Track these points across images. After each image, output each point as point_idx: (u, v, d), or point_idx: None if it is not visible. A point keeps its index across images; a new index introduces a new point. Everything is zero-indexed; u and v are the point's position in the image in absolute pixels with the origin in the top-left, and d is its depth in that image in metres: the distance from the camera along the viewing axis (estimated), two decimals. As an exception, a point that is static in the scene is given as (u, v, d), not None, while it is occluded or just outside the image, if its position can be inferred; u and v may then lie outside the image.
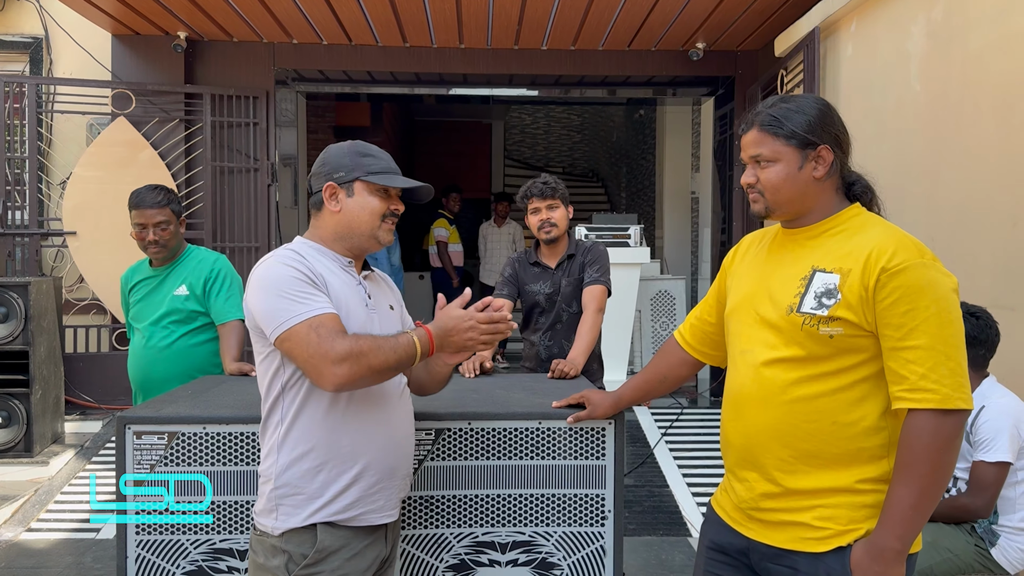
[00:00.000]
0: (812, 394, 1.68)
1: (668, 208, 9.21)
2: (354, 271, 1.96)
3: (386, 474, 1.88)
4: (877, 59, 4.50)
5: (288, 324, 1.72)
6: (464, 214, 9.97)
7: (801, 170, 1.73)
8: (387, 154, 1.99)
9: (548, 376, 2.88)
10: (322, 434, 1.81)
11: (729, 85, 7.02)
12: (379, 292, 2.03)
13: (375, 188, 1.92)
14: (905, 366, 1.58)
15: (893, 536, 1.57)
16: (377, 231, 1.94)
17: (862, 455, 1.66)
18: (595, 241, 3.49)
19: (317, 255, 1.90)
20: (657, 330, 7.50)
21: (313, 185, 1.96)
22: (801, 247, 1.78)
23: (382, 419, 1.88)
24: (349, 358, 1.68)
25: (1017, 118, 3.23)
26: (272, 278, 1.77)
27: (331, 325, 1.73)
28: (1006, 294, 3.21)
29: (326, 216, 1.94)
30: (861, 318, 1.62)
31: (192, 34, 6.47)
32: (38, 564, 4.04)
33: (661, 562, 4.09)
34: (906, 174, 4.11)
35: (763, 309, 1.77)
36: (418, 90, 7.51)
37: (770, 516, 1.74)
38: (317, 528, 1.79)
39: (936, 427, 1.55)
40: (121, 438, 2.15)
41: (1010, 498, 2.74)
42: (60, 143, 6.61)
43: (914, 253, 1.61)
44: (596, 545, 2.25)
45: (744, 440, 1.79)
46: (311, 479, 1.80)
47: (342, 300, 1.84)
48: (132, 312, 3.25)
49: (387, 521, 1.90)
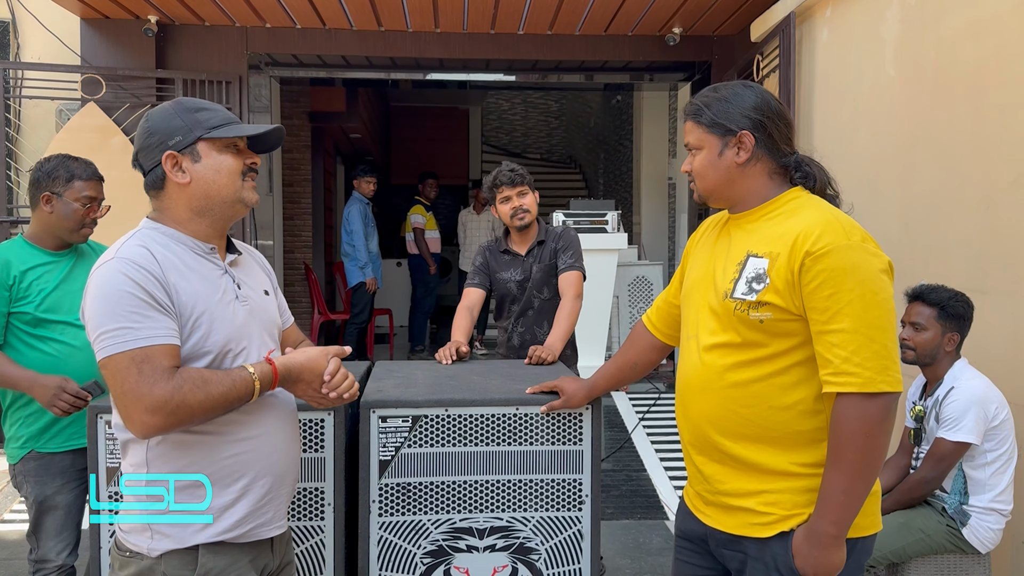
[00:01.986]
0: (748, 379, 1.70)
1: (645, 194, 9.24)
2: (218, 258, 1.71)
3: (276, 483, 1.70)
4: (852, 44, 4.52)
5: (109, 351, 1.49)
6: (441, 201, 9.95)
7: (722, 156, 1.75)
8: (218, 104, 1.73)
9: (525, 362, 2.88)
10: (200, 447, 1.60)
11: (706, 70, 7.03)
12: (250, 278, 1.80)
13: (223, 144, 1.66)
14: (830, 349, 1.58)
15: (828, 521, 1.59)
16: (241, 192, 1.69)
17: (800, 439, 1.68)
18: (566, 227, 3.49)
19: (171, 245, 1.64)
20: (634, 315, 7.53)
21: (145, 162, 1.66)
22: (741, 231, 1.80)
23: (266, 421, 1.69)
24: (166, 407, 1.47)
25: (990, 103, 3.26)
26: (106, 289, 1.52)
27: (158, 361, 1.49)
28: (978, 278, 3.25)
29: (173, 192, 1.66)
30: (788, 302, 1.63)
31: (163, 18, 6.36)
32: (11, 555, 3.99)
33: (639, 545, 4.12)
34: (881, 159, 4.14)
35: (708, 294, 1.80)
36: (394, 75, 7.44)
37: (720, 500, 1.77)
38: (199, 550, 1.60)
39: (861, 411, 1.56)
40: (93, 428, 2.12)
41: (980, 479, 2.78)
42: (28, 129, 6.49)
43: (840, 235, 1.60)
44: (574, 529, 2.25)
45: (690, 425, 1.83)
46: (190, 496, 1.61)
47: (202, 304, 1.61)
48: (42, 303, 2.60)
49: (276, 534, 1.73)
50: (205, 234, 1.69)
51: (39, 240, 2.69)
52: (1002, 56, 3.18)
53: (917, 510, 2.87)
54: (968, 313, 2.88)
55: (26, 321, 2.58)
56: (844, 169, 4.55)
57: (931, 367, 2.92)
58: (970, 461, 2.80)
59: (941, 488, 2.86)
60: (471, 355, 3.02)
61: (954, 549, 2.81)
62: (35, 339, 2.60)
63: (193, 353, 1.59)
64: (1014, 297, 3.07)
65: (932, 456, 2.80)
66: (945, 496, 2.85)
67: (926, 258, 3.64)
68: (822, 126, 4.87)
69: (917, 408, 2.96)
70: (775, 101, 1.79)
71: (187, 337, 1.58)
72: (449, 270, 10.96)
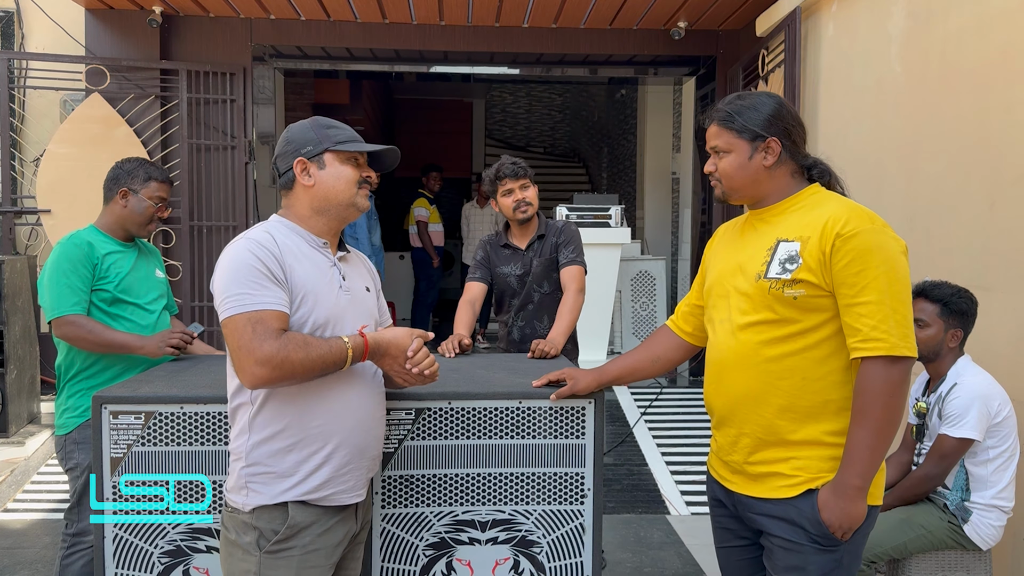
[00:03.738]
0: (783, 353, 1.87)
1: (649, 188, 9.22)
2: (329, 252, 1.96)
3: (356, 454, 1.89)
4: (857, 39, 4.50)
5: (230, 312, 1.74)
6: (444, 194, 9.92)
7: (751, 159, 1.94)
8: (347, 125, 2.01)
9: (528, 356, 2.88)
10: (293, 414, 1.81)
11: (711, 65, 7.01)
12: (355, 273, 2.03)
13: (345, 156, 1.94)
14: (858, 319, 1.77)
15: (853, 473, 1.78)
16: (355, 198, 1.95)
17: (829, 407, 1.86)
18: (566, 221, 3.49)
19: (291, 235, 1.90)
20: (637, 310, 7.52)
21: (281, 166, 1.96)
22: (767, 224, 1.98)
23: (352, 400, 1.89)
24: (272, 361, 1.70)
25: (994, 99, 3.25)
26: (234, 262, 1.78)
27: (270, 323, 1.73)
28: (983, 274, 3.24)
29: (299, 193, 1.94)
30: (820, 279, 1.81)
31: (167, 8, 6.35)
32: (15, 544, 4.01)
33: (640, 539, 4.13)
34: (885, 154, 4.13)
35: (736, 281, 1.98)
36: (398, 67, 7.43)
37: (751, 469, 1.94)
38: (288, 506, 1.80)
39: (886, 373, 1.75)
40: (97, 418, 2.13)
41: (982, 476, 2.78)
42: (33, 119, 6.49)
43: (865, 220, 1.81)
44: (576, 523, 2.26)
45: (725, 400, 1.98)
46: (282, 459, 1.81)
47: (310, 285, 1.85)
48: (119, 284, 2.84)
49: (356, 501, 1.92)
50: (320, 230, 1.95)
51: (110, 230, 2.95)
52: (1008, 52, 3.17)
53: (919, 506, 2.87)
54: (972, 309, 2.88)
55: (105, 300, 2.82)
56: (849, 165, 4.54)
57: (934, 363, 2.92)
58: (972, 458, 2.80)
59: (943, 484, 2.86)
60: (473, 348, 3.02)
61: (955, 546, 2.81)
62: (110, 318, 2.82)
63: (297, 325, 1.82)
64: (1018, 294, 3.06)
65: (935, 453, 2.80)
66: (947, 492, 2.85)
67: (930, 254, 3.64)
68: (827, 122, 4.86)
69: (920, 404, 2.96)
70: (793, 109, 1.99)
71: (295, 310, 1.82)
72: (452, 263, 10.95)
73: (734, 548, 2.09)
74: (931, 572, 2.85)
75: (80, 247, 2.79)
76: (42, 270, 2.82)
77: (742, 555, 2.07)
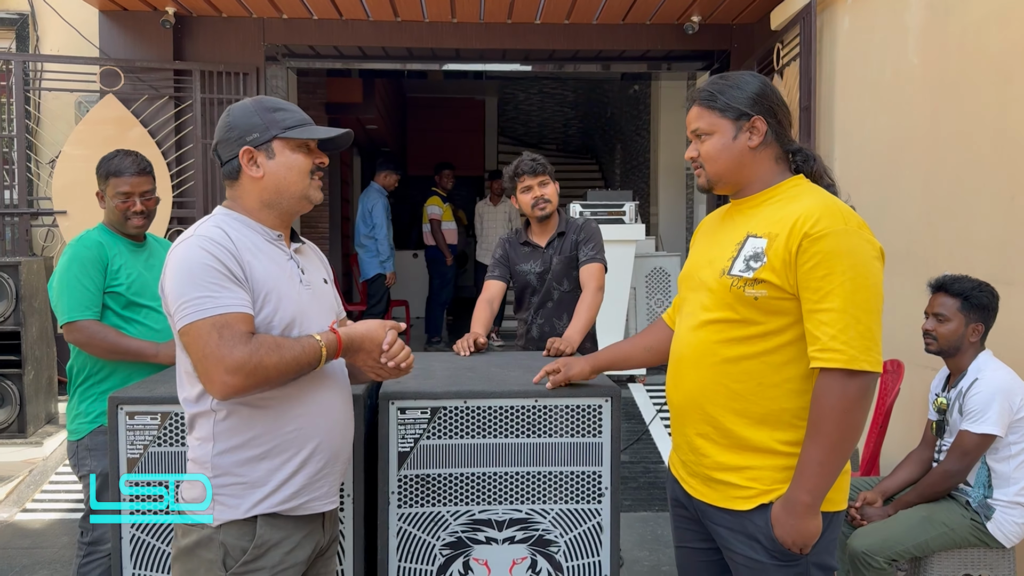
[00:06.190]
0: (740, 355, 1.77)
1: (663, 184, 9.17)
2: (283, 244, 1.83)
3: (331, 458, 1.79)
4: (874, 32, 4.45)
5: (191, 318, 1.59)
6: (457, 192, 9.92)
7: (736, 140, 1.82)
8: (294, 104, 1.85)
9: (544, 354, 2.86)
10: (264, 420, 1.69)
11: (725, 59, 6.96)
12: (311, 266, 1.91)
13: (296, 144, 1.78)
14: (819, 327, 1.66)
15: (803, 490, 1.68)
16: (308, 190, 1.81)
17: (785, 416, 1.75)
18: (587, 218, 3.46)
19: (244, 229, 1.76)
20: (652, 307, 7.49)
21: (223, 153, 1.79)
22: (743, 215, 1.87)
23: (325, 400, 1.78)
24: (244, 368, 1.56)
25: (1015, 90, 3.20)
26: (187, 263, 1.63)
27: (237, 327, 1.60)
28: (1003, 268, 3.20)
29: (247, 184, 1.78)
30: (784, 281, 1.70)
31: (180, 9, 6.37)
32: (33, 544, 4.04)
33: (656, 537, 4.10)
34: (903, 148, 4.09)
35: (703, 274, 1.88)
36: (410, 66, 7.42)
37: (704, 472, 1.86)
38: (257, 520, 1.68)
39: (843, 387, 1.64)
40: (113, 419, 2.13)
41: (1004, 472, 2.75)
42: (48, 121, 6.53)
43: (838, 220, 1.67)
44: (593, 522, 2.25)
45: (682, 397, 1.90)
46: (253, 467, 1.68)
47: (271, 282, 1.72)
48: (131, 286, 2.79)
49: (329, 508, 1.82)
50: (272, 224, 1.81)
51: (114, 228, 2.89)
52: (1029, 43, 3.12)
53: (940, 504, 2.83)
54: (993, 303, 2.84)
55: (118, 303, 2.76)
56: (866, 159, 4.49)
57: (955, 358, 2.88)
58: (994, 454, 2.76)
59: (965, 482, 2.83)
60: (488, 347, 3.00)
61: (978, 543, 2.77)
62: (124, 321, 2.77)
63: (262, 327, 1.69)
64: (1040, 288, 3.02)
65: (956, 449, 2.77)
66: (969, 490, 2.82)
67: (950, 248, 3.59)
68: (843, 116, 4.81)
69: (940, 400, 2.92)
70: (777, 90, 1.88)
71: (258, 311, 1.69)
72: (466, 261, 10.94)
73: (695, 550, 2.01)
74: (953, 570, 2.82)
75: (90, 249, 2.75)
76: (53, 273, 2.78)
77: (702, 557, 1.99)
